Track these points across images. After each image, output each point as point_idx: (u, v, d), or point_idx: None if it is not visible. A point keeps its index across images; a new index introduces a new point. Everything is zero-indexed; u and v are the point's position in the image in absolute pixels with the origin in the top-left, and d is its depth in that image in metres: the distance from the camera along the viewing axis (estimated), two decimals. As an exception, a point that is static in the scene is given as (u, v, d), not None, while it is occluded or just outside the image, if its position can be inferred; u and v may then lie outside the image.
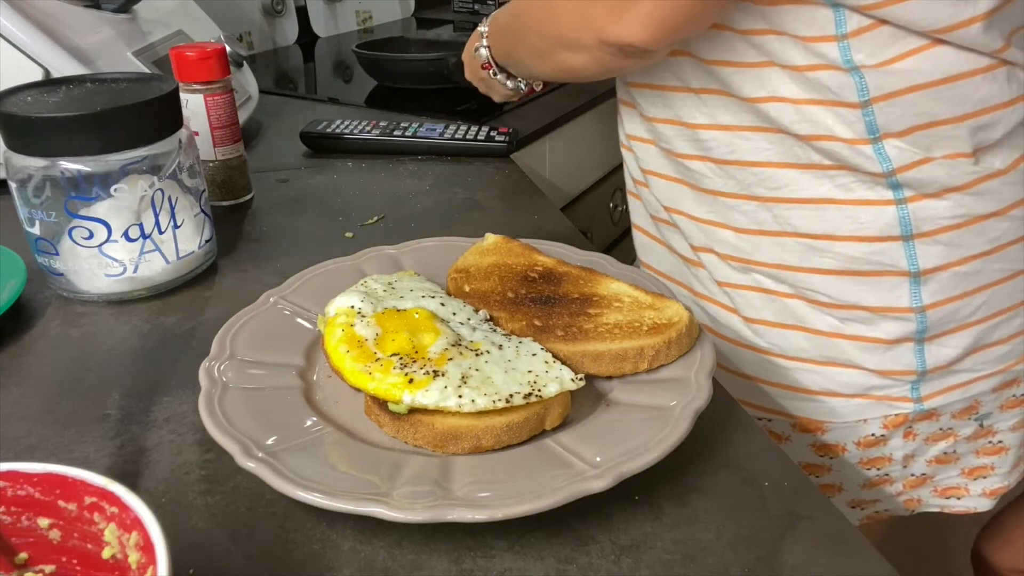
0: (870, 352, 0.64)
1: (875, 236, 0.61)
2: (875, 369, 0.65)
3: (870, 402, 0.67)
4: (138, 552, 0.30)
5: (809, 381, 0.67)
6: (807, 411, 0.68)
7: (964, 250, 0.61)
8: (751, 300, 0.67)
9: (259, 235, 0.73)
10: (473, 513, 0.37)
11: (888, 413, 0.67)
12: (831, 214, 0.61)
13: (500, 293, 0.53)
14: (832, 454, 0.70)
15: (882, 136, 0.58)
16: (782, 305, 0.65)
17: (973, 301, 0.63)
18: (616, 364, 0.47)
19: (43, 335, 0.58)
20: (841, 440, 0.69)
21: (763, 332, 0.67)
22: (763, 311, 0.67)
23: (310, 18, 1.56)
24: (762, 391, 0.69)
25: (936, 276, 0.62)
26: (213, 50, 0.73)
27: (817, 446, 0.70)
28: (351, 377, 0.45)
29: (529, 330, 0.49)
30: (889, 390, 0.66)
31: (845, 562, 0.39)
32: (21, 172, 0.57)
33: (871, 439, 0.69)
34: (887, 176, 0.59)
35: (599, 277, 0.53)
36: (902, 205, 0.60)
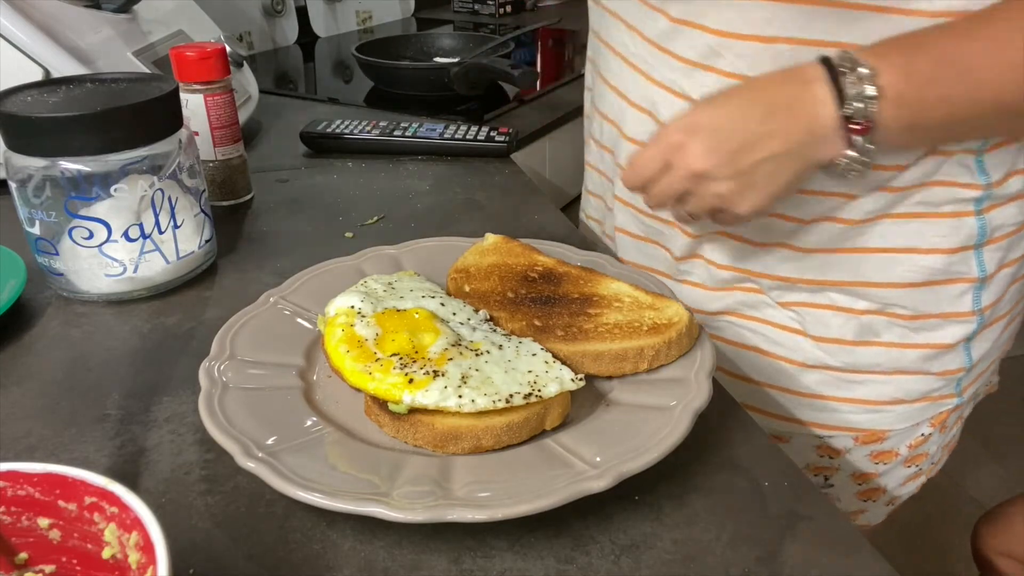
0: (934, 357, 0.65)
1: (956, 247, 0.61)
2: (936, 372, 0.66)
3: (928, 404, 0.68)
4: (138, 552, 0.30)
5: (878, 393, 0.66)
6: (873, 423, 0.68)
7: (1018, 251, 0.63)
8: (824, 319, 0.64)
9: (259, 235, 0.73)
10: (473, 513, 0.37)
11: (938, 411, 0.68)
12: (915, 227, 0.60)
13: (500, 293, 0.53)
14: (886, 460, 0.71)
15: (987, 149, 0.57)
16: (859, 322, 0.64)
17: (1011, 295, 0.65)
18: (616, 364, 0.47)
19: (43, 335, 0.58)
20: (896, 445, 0.70)
21: (835, 351, 0.65)
22: (839, 329, 0.64)
23: (310, 18, 1.56)
24: (825, 407, 0.67)
25: (995, 278, 0.63)
26: (213, 50, 0.73)
27: (875, 454, 0.70)
28: (351, 377, 0.45)
29: (529, 330, 0.49)
30: (942, 389, 0.67)
31: (845, 562, 0.39)
32: (21, 172, 0.57)
33: (920, 439, 0.70)
34: (984, 188, 0.58)
35: (599, 277, 0.53)
36: (980, 216, 0.60)
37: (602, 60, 0.72)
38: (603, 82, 0.72)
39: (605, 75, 0.71)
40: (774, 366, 0.67)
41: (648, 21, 0.62)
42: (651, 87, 0.64)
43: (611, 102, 0.70)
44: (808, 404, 0.67)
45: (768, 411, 0.69)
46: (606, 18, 0.69)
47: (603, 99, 0.72)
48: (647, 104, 0.65)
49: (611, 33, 0.68)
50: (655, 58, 0.63)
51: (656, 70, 0.63)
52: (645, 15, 0.62)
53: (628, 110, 0.67)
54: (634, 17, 0.64)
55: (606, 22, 0.69)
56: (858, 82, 0.49)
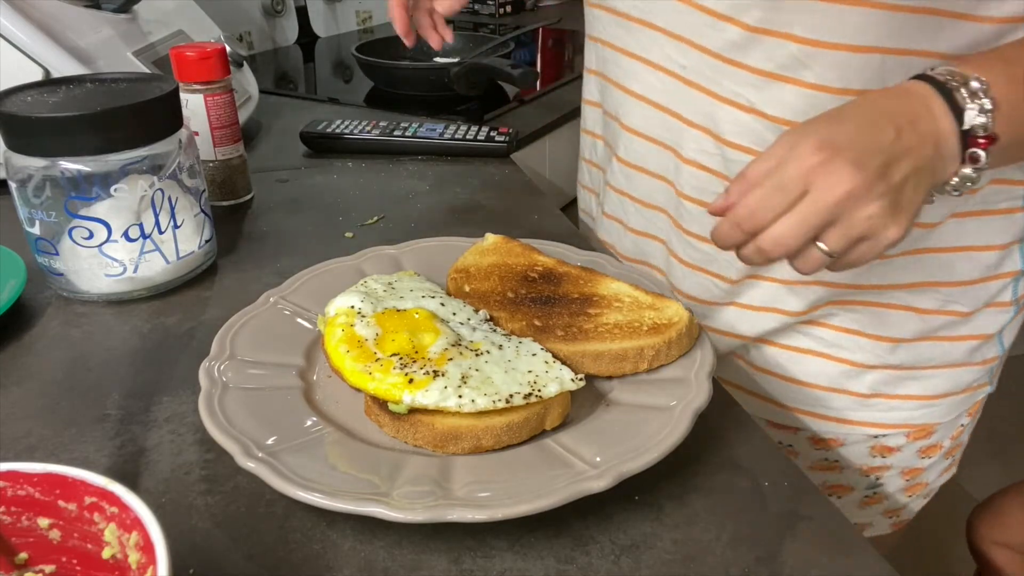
0: (977, 348, 0.67)
1: (1008, 242, 0.62)
2: (978, 362, 0.68)
3: (968, 394, 0.69)
4: (138, 552, 0.30)
5: (933, 387, 0.67)
6: (925, 417, 0.69)
7: None
8: (888, 318, 0.65)
9: (259, 235, 0.73)
10: (473, 513, 0.37)
11: (974, 401, 0.70)
12: (975, 225, 0.61)
13: (500, 293, 0.53)
14: (932, 453, 0.72)
15: None
16: (921, 320, 0.64)
17: None
18: (616, 364, 0.47)
19: (43, 335, 0.58)
20: (942, 438, 0.71)
21: (897, 349, 0.65)
22: (900, 328, 0.65)
23: (310, 18, 1.56)
24: (882, 406, 0.68)
25: None
26: (213, 50, 0.73)
27: (923, 449, 0.71)
28: (351, 377, 0.45)
29: (529, 330, 0.49)
30: (980, 379, 0.69)
31: (845, 562, 0.39)
32: (21, 172, 0.57)
33: (959, 429, 0.72)
34: None
35: (599, 277, 0.53)
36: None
37: (630, 76, 0.67)
38: (639, 100, 0.67)
39: (643, 93, 0.66)
40: (834, 369, 0.67)
41: (712, 33, 0.58)
42: (713, 103, 0.60)
43: (656, 121, 0.66)
44: (865, 404, 0.68)
45: (819, 413, 0.68)
46: (637, 30, 0.65)
47: (632, 116, 0.68)
48: (707, 122, 0.61)
49: (648, 48, 0.64)
50: (718, 72, 0.59)
51: (719, 84, 0.59)
52: (708, 26, 0.58)
53: (684, 130, 0.63)
54: (690, 30, 0.60)
55: (637, 35, 0.65)
56: (973, 96, 0.47)
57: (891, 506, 0.73)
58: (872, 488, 0.71)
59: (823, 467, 0.70)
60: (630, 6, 0.65)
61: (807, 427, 0.69)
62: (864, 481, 0.71)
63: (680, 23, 0.61)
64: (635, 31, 0.65)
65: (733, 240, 0.48)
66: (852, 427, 0.68)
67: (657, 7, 0.62)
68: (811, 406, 0.68)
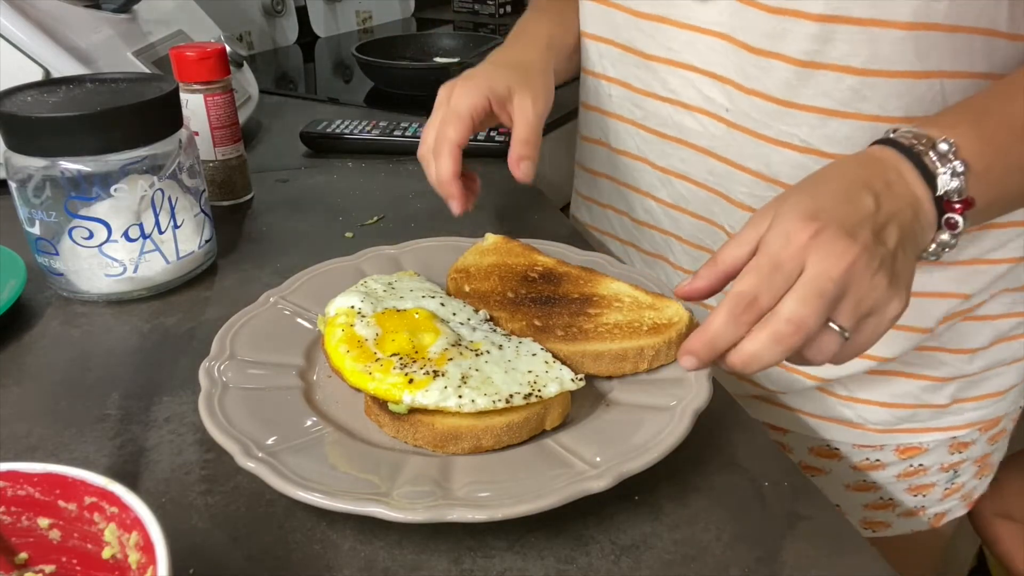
0: None
1: None
2: None
3: None
4: (138, 552, 0.30)
5: (1002, 384, 0.69)
6: (995, 412, 0.70)
7: None
8: (965, 330, 0.65)
9: (259, 235, 0.73)
10: (473, 513, 0.37)
11: None
12: None
13: (500, 293, 0.53)
14: (998, 439, 0.74)
15: None
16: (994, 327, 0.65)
17: None
18: (616, 364, 0.47)
19: (43, 335, 0.58)
20: (1007, 424, 0.73)
21: (975, 358, 0.66)
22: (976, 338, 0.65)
23: (310, 18, 1.56)
24: (962, 410, 0.69)
25: None
26: (213, 50, 0.73)
27: (991, 438, 0.73)
28: (351, 377, 0.45)
29: (529, 330, 0.49)
30: None
31: (845, 562, 0.39)
32: (21, 172, 0.57)
33: (1018, 411, 0.74)
34: None
35: (599, 277, 0.53)
36: None
37: (659, 119, 0.65)
38: (676, 143, 0.65)
39: (679, 136, 0.64)
40: (915, 386, 0.67)
41: (759, 73, 0.56)
42: (763, 145, 0.58)
43: (699, 165, 0.64)
44: (946, 412, 0.68)
45: (903, 428, 0.69)
46: (665, 71, 0.63)
47: (670, 158, 0.66)
48: (758, 166, 0.59)
49: (679, 90, 0.62)
50: (769, 114, 0.57)
51: (770, 127, 0.57)
52: (754, 66, 0.56)
53: (733, 174, 0.61)
54: (734, 70, 0.58)
55: (664, 76, 0.63)
56: (943, 159, 0.44)
57: (966, 491, 0.75)
58: (951, 480, 0.73)
59: (908, 473, 0.71)
60: (655, 46, 0.62)
61: (890, 443, 0.70)
62: (944, 477, 0.72)
63: (721, 63, 0.58)
64: (661, 72, 0.63)
65: (731, 335, 0.41)
66: (934, 434, 0.69)
67: (691, 47, 0.59)
68: (894, 424, 0.69)
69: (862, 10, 0.51)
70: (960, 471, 0.73)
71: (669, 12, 0.61)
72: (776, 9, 0.54)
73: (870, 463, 0.71)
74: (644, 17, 0.63)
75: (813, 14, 0.52)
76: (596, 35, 0.69)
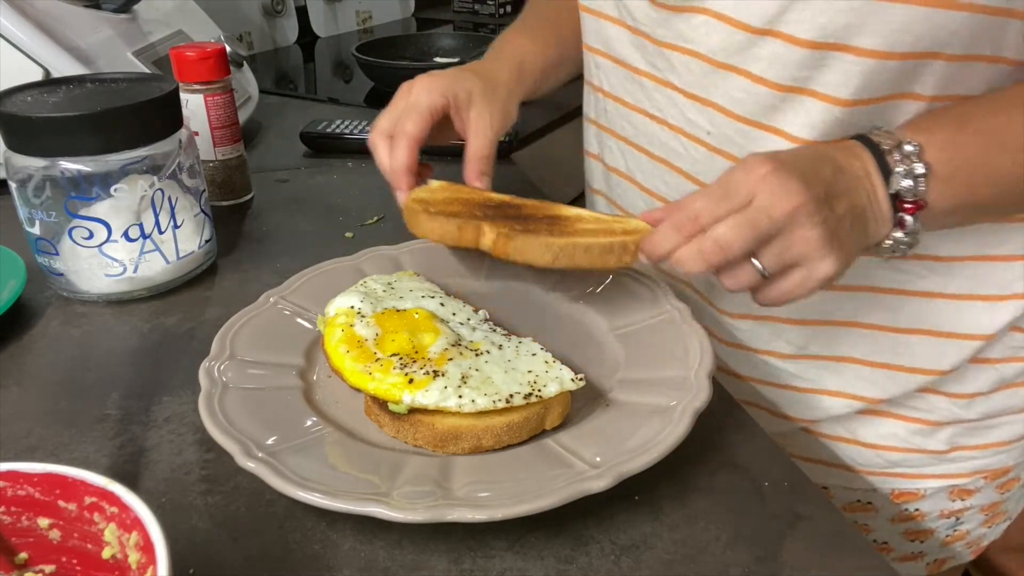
0: None
1: None
2: None
3: None
4: (138, 552, 0.30)
5: (1010, 433, 0.65)
6: (1002, 462, 0.67)
7: None
8: (963, 374, 0.62)
9: (259, 235, 0.73)
10: (473, 513, 0.37)
11: None
12: None
13: (469, 213, 0.53)
14: (1009, 488, 0.70)
15: None
16: (996, 371, 0.63)
17: None
18: (604, 257, 0.48)
19: (43, 335, 0.58)
20: (1019, 473, 0.70)
21: (973, 404, 0.64)
22: (974, 383, 0.63)
23: (310, 18, 1.56)
24: (960, 458, 0.66)
25: None
26: (213, 50, 0.73)
27: (1000, 486, 0.69)
28: (351, 377, 0.45)
29: (515, 231, 0.49)
30: None
31: (845, 562, 0.39)
32: (21, 172, 0.57)
33: None
34: None
35: (557, 204, 0.54)
36: None
37: (647, 137, 0.63)
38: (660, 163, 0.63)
39: (664, 156, 0.63)
40: (903, 429, 0.64)
41: (744, 98, 0.55)
42: None
43: (682, 188, 0.62)
44: (944, 459, 0.66)
45: (896, 472, 0.67)
46: (652, 88, 0.61)
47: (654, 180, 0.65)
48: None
49: (665, 108, 0.61)
50: (748, 137, 0.55)
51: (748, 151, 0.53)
52: (740, 89, 0.54)
53: None
54: (718, 93, 0.56)
55: (652, 94, 0.61)
56: (905, 159, 0.46)
57: (972, 539, 0.72)
58: (953, 527, 0.70)
59: (904, 518, 0.69)
60: (646, 63, 0.61)
61: (883, 487, 0.67)
62: (945, 523, 0.69)
63: (702, 85, 0.56)
64: (650, 89, 0.61)
65: (670, 243, 0.45)
66: (931, 481, 0.67)
67: (672, 65, 0.58)
68: (885, 468, 0.66)
69: (862, 40, 0.48)
70: (964, 518, 0.69)
71: (654, 31, 0.59)
72: (762, 31, 0.51)
73: (861, 505, 0.68)
74: (634, 32, 0.61)
75: (804, 39, 0.49)
76: (593, 47, 0.67)
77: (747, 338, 0.64)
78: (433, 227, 0.51)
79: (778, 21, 0.50)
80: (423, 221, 0.52)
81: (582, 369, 0.47)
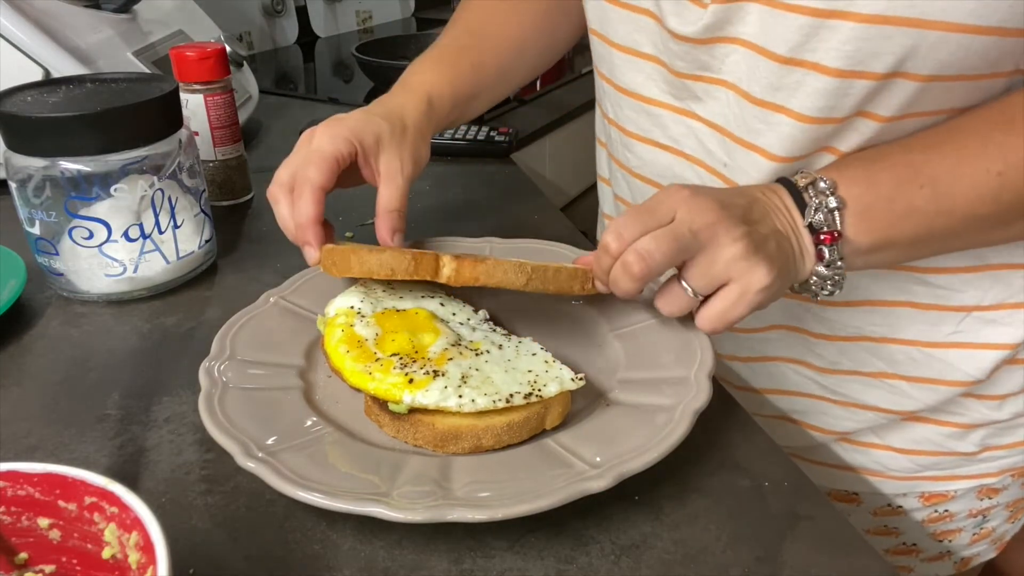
0: None
1: None
2: None
3: None
4: (138, 552, 0.30)
5: None
6: None
7: None
8: (995, 377, 0.62)
9: (259, 235, 0.73)
10: (473, 513, 0.37)
11: None
12: None
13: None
14: None
15: None
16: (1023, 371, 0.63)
17: None
18: (571, 282, 0.49)
19: (43, 335, 0.58)
20: None
21: (1005, 405, 0.64)
22: (1006, 384, 0.63)
23: (310, 18, 1.56)
24: (991, 458, 0.67)
25: None
26: (213, 50, 0.73)
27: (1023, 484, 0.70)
28: (351, 377, 0.45)
29: (467, 261, 0.47)
30: None
31: (845, 562, 0.39)
32: (21, 172, 0.57)
33: None
34: None
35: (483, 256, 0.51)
36: None
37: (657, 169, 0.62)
38: None
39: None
40: (937, 434, 0.64)
41: (763, 129, 0.53)
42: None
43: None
44: (975, 459, 0.66)
45: (928, 476, 0.67)
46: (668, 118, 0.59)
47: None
48: None
49: (681, 139, 0.59)
50: (769, 174, 0.54)
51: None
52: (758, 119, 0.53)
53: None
54: (736, 124, 0.55)
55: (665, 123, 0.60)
56: (819, 194, 0.48)
57: (997, 535, 0.72)
58: (980, 526, 0.71)
59: (933, 519, 0.69)
60: (657, 91, 0.58)
61: (913, 490, 0.67)
62: (972, 522, 0.70)
63: (723, 113, 0.55)
64: (663, 119, 0.59)
65: (605, 263, 0.47)
66: (961, 482, 0.67)
67: (693, 94, 0.56)
68: (916, 472, 0.66)
69: (882, 64, 0.46)
70: (990, 516, 0.70)
71: (673, 61, 0.55)
72: (787, 59, 0.48)
73: (892, 509, 0.68)
74: (646, 59, 0.58)
75: (831, 68, 0.47)
76: (602, 74, 0.65)
77: (773, 349, 0.64)
78: (381, 259, 0.47)
79: (803, 50, 0.48)
80: (364, 256, 0.47)
81: (582, 369, 0.47)
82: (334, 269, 0.49)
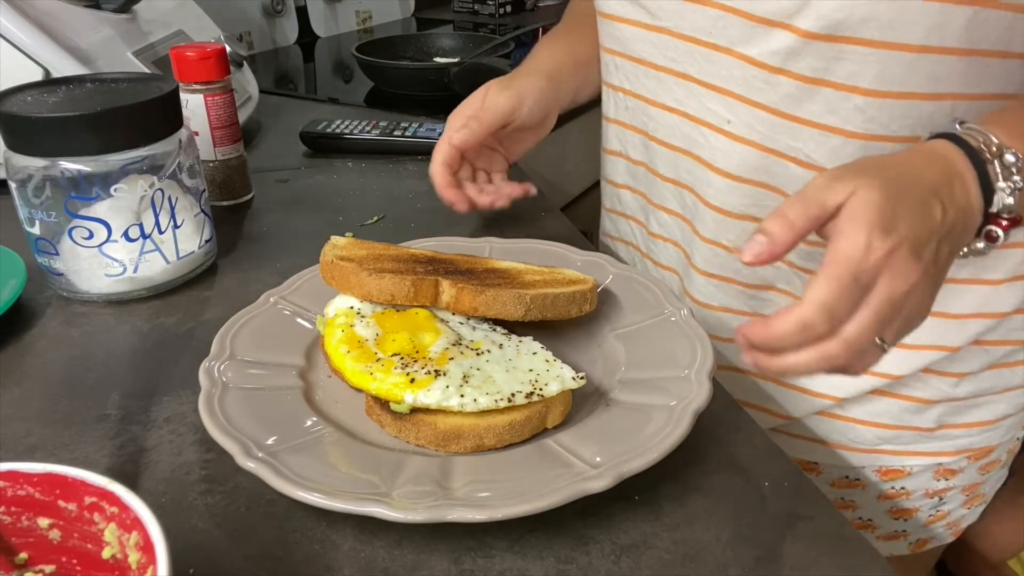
0: None
1: None
2: None
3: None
4: (138, 552, 0.30)
5: (993, 412, 0.67)
6: (986, 440, 0.69)
7: None
8: (959, 354, 0.63)
9: (259, 235, 0.73)
10: (473, 513, 0.37)
11: None
12: None
13: (410, 269, 0.51)
14: (991, 468, 0.72)
15: None
16: (987, 352, 0.64)
17: None
18: (568, 306, 0.49)
19: (43, 335, 0.58)
20: (1000, 454, 0.72)
21: (964, 382, 0.65)
22: (970, 363, 0.64)
23: (310, 18, 1.56)
24: (947, 436, 0.68)
25: None
26: (213, 50, 0.73)
27: (983, 467, 0.71)
28: (352, 377, 0.45)
29: (468, 289, 0.48)
30: None
31: (845, 562, 0.39)
32: (21, 172, 0.57)
33: (1016, 443, 0.73)
34: None
35: (485, 259, 0.55)
36: None
37: (667, 129, 0.64)
38: (679, 153, 0.64)
39: (687, 148, 0.63)
40: (896, 407, 0.66)
41: (765, 88, 0.55)
42: (766, 157, 0.58)
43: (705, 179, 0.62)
44: (931, 436, 0.67)
45: (884, 449, 0.68)
46: (670, 81, 0.62)
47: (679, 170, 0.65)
48: (761, 176, 0.59)
49: (684, 100, 0.62)
50: (774, 128, 0.56)
51: (774, 140, 0.57)
52: (759, 79, 0.55)
53: (734, 186, 0.60)
54: (736, 83, 0.57)
55: (670, 86, 0.62)
56: (1006, 173, 0.43)
57: (952, 519, 0.74)
58: (936, 508, 0.72)
59: (889, 495, 0.70)
60: (662, 57, 0.62)
61: (871, 464, 0.69)
62: (928, 503, 0.71)
63: (723, 76, 0.57)
64: (667, 82, 0.62)
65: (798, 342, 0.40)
66: (918, 458, 0.68)
67: (694, 59, 0.59)
68: (876, 444, 0.68)
69: (872, 32, 0.49)
70: (946, 499, 0.71)
71: (677, 24, 0.59)
72: (773, 23, 0.52)
73: (849, 481, 0.70)
74: (652, 29, 0.62)
75: (819, 33, 0.51)
76: (611, 49, 0.68)
77: None
78: (381, 285, 0.48)
79: (792, 15, 0.51)
80: (364, 280, 0.48)
81: (582, 369, 0.47)
82: (333, 283, 0.51)
